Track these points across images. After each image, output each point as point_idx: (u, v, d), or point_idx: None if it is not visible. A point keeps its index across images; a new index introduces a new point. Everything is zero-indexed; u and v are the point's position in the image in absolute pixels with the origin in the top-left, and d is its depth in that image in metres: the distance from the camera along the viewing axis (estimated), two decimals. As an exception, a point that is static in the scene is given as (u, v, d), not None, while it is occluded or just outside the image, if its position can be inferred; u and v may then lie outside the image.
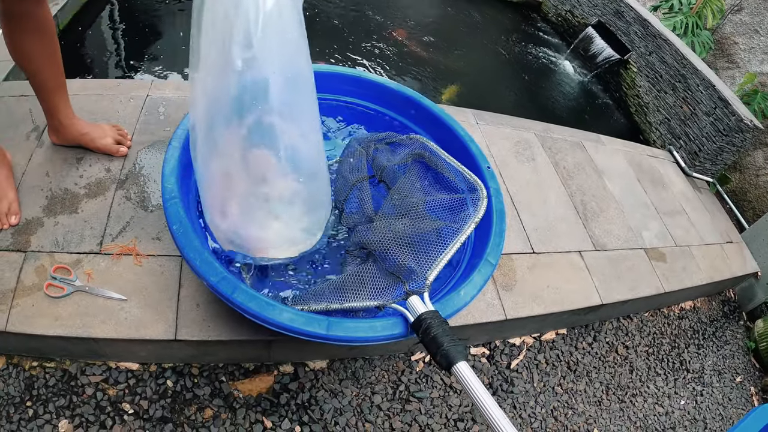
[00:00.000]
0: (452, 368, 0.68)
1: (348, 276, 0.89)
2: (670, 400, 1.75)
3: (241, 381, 1.22)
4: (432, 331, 0.71)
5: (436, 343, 0.69)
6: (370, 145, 1.21)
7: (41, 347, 1.10)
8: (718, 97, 2.35)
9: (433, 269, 0.86)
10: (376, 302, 0.81)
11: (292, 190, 0.92)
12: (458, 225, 0.95)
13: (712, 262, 2.06)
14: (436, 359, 0.70)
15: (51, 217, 1.20)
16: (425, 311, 0.75)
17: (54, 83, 1.19)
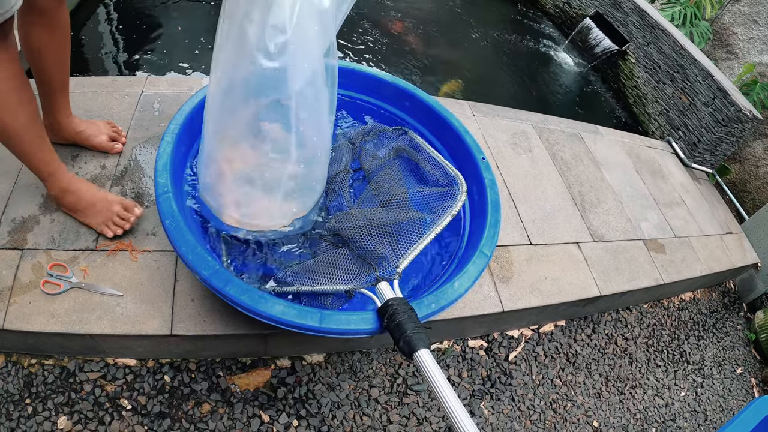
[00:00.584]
0: (414, 355, 0.67)
1: (320, 260, 0.89)
2: (670, 391, 1.75)
3: (238, 375, 1.22)
4: (397, 317, 0.70)
5: (400, 329, 0.69)
6: (357, 138, 1.21)
7: (39, 344, 1.10)
8: (716, 87, 2.34)
9: (405, 258, 0.86)
10: (347, 286, 0.82)
11: (294, 171, 0.92)
12: (434, 216, 0.95)
13: (712, 253, 2.05)
14: (398, 346, 0.70)
15: (47, 215, 1.20)
16: (392, 297, 0.75)
17: (59, 83, 1.19)
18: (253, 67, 0.77)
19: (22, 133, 0.99)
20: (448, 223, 0.97)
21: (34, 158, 1.06)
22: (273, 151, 0.87)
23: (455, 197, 1.02)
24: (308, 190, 1.00)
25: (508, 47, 3.16)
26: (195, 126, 1.05)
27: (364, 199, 1.08)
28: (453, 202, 1.01)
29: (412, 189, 1.07)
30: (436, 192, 1.05)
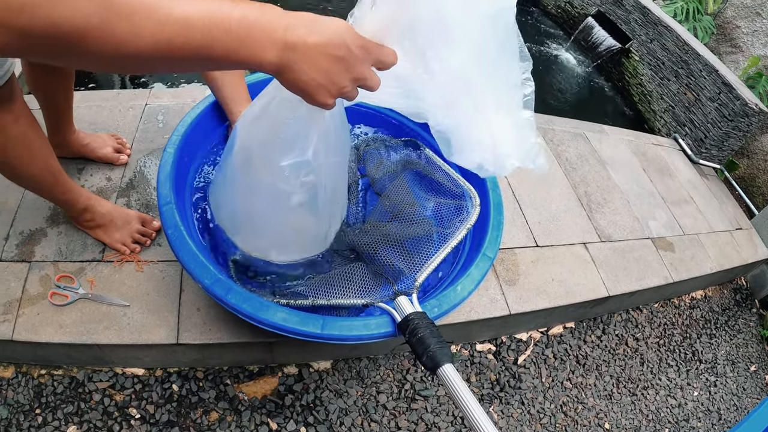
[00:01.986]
0: (438, 370, 0.66)
1: (335, 273, 0.88)
2: (682, 391, 1.72)
3: (245, 383, 1.22)
4: (419, 332, 0.70)
5: (423, 344, 0.68)
6: (361, 145, 1.21)
7: (48, 355, 1.12)
8: (721, 81, 2.32)
9: (422, 271, 0.85)
10: (363, 300, 0.81)
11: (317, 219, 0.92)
12: (450, 230, 0.95)
13: (722, 249, 2.03)
14: (421, 361, 0.68)
15: (54, 227, 1.22)
16: (412, 312, 0.74)
17: (64, 107, 1.20)
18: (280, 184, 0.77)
19: (38, 179, 1.00)
20: (464, 236, 0.96)
21: (50, 194, 1.07)
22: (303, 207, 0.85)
23: (468, 210, 1.02)
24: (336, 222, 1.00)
25: (511, 49, 3.15)
26: (197, 135, 1.06)
27: (377, 213, 1.08)
28: (467, 215, 1.01)
29: (424, 202, 1.06)
30: (449, 205, 1.05)
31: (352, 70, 0.52)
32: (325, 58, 0.50)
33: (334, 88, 0.52)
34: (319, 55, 0.49)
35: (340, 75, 0.52)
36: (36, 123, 0.94)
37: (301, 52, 0.49)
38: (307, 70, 0.50)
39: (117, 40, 0.40)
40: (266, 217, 0.85)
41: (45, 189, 1.04)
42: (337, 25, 0.50)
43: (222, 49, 0.45)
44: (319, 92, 0.52)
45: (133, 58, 0.42)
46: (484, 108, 0.66)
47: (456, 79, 0.62)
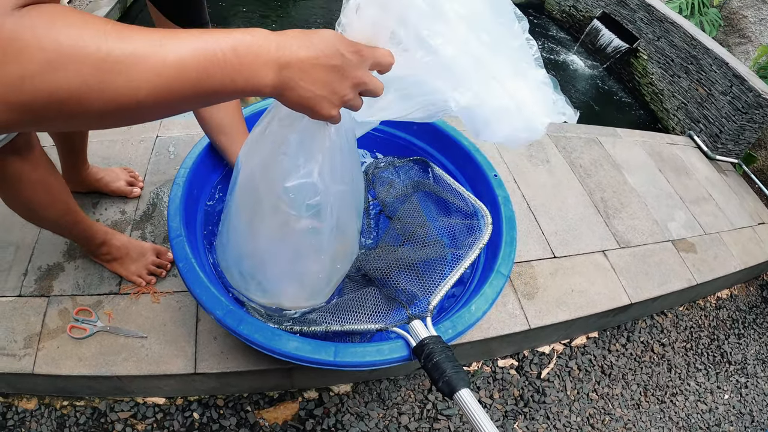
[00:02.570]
0: (454, 395, 0.65)
1: (348, 299, 0.88)
2: (713, 395, 1.67)
3: (266, 409, 1.22)
4: (434, 357, 0.68)
5: (439, 369, 0.67)
6: (370, 168, 1.21)
7: (69, 387, 1.13)
8: (732, 74, 2.27)
9: (436, 294, 0.84)
10: (377, 325, 0.79)
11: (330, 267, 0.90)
12: (462, 250, 0.93)
13: (745, 246, 1.97)
14: (437, 386, 0.67)
15: (71, 262, 1.24)
16: (427, 336, 0.73)
17: (80, 144, 1.23)
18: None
19: (58, 221, 1.02)
20: (476, 256, 0.95)
21: (69, 233, 1.09)
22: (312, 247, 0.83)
23: (481, 230, 1.00)
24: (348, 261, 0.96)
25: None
26: (206, 167, 1.07)
27: (389, 237, 1.07)
28: (480, 234, 1.00)
29: (436, 223, 1.05)
30: (461, 224, 1.04)
31: (349, 76, 0.52)
32: (321, 70, 0.50)
33: (336, 97, 0.52)
34: (313, 67, 0.49)
35: (339, 83, 0.52)
36: (54, 168, 0.95)
37: (296, 69, 0.49)
38: (305, 85, 0.50)
39: (116, 97, 0.40)
40: (273, 252, 0.83)
41: (64, 229, 1.06)
42: (327, 35, 0.51)
43: (219, 82, 0.46)
44: (322, 104, 0.52)
45: (135, 110, 0.42)
46: (498, 75, 0.63)
47: (460, 53, 0.60)
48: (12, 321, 1.12)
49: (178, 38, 0.43)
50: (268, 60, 0.47)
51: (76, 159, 1.25)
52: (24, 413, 1.14)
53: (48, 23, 0.36)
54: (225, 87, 0.46)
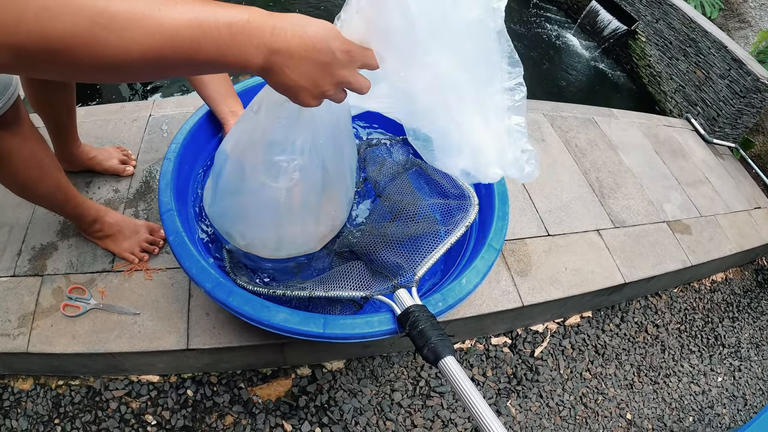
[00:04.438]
0: (439, 363, 0.65)
1: (334, 271, 0.88)
2: (706, 377, 1.68)
3: (259, 386, 1.22)
4: (419, 324, 0.69)
5: (424, 336, 0.67)
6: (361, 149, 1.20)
7: (64, 365, 1.13)
8: (731, 58, 2.25)
9: (422, 265, 0.84)
10: (363, 293, 0.79)
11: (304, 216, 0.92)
12: (450, 227, 0.93)
13: (741, 229, 1.98)
14: (422, 353, 0.68)
15: (65, 241, 1.23)
16: (412, 305, 0.73)
17: (68, 124, 1.22)
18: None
19: (49, 197, 1.02)
20: (462, 233, 0.95)
21: (62, 209, 1.09)
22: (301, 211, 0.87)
23: (468, 209, 1.00)
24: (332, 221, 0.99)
25: (515, 37, 3.12)
26: (197, 143, 1.07)
27: (376, 214, 1.07)
28: (465, 213, 1.00)
29: (424, 201, 1.05)
30: (449, 204, 1.04)
31: (335, 74, 0.54)
32: (309, 63, 0.51)
33: (317, 90, 0.54)
34: (302, 59, 0.51)
35: (323, 79, 0.53)
36: (44, 143, 0.95)
37: (285, 56, 0.50)
38: (290, 73, 0.51)
39: (107, 53, 0.41)
40: (254, 212, 0.85)
41: (56, 205, 1.06)
42: (323, 28, 0.51)
43: (211, 55, 0.46)
44: (303, 94, 0.54)
45: (124, 68, 0.43)
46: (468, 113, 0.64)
47: (438, 84, 0.61)
48: (6, 301, 1.12)
49: (176, 5, 0.43)
50: (260, 43, 0.48)
51: (66, 137, 1.24)
52: (20, 393, 1.15)
53: None
54: (215, 60, 0.47)
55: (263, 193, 0.81)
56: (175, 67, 0.46)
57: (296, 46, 0.50)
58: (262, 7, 0.50)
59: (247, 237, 0.91)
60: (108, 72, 0.43)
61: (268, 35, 0.48)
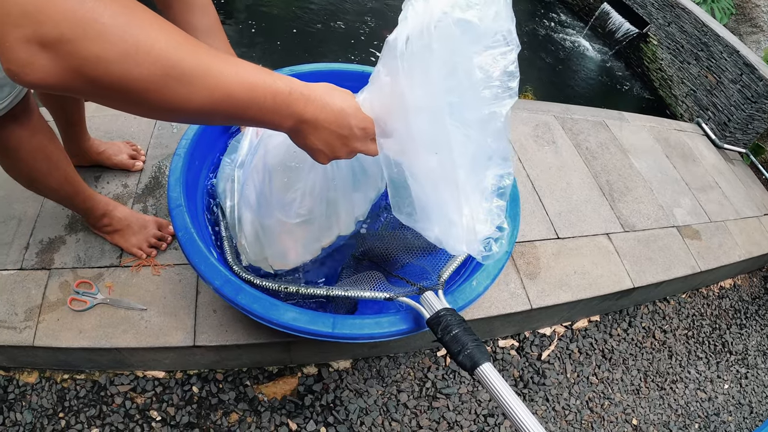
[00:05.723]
0: (476, 370, 0.62)
1: (350, 279, 0.87)
2: (712, 384, 1.67)
3: (265, 384, 1.22)
4: (453, 329, 0.66)
5: (459, 342, 0.64)
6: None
7: (69, 360, 1.13)
8: (743, 62, 2.24)
9: (447, 267, 0.83)
10: (385, 294, 0.77)
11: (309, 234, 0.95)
12: None
13: (750, 236, 1.96)
14: (457, 359, 0.65)
15: (72, 235, 1.23)
16: (443, 308, 0.70)
17: (77, 117, 1.21)
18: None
19: (58, 190, 1.01)
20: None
21: (71, 203, 1.08)
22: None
23: None
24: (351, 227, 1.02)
25: (527, 40, 3.11)
26: (207, 139, 1.06)
27: (389, 221, 1.06)
28: None
29: None
30: None
31: (350, 145, 0.63)
32: (330, 133, 0.60)
33: (332, 155, 0.63)
34: (324, 129, 0.59)
35: (339, 148, 0.63)
36: (54, 135, 0.95)
37: (312, 125, 0.58)
38: (313, 138, 0.60)
39: (172, 100, 0.46)
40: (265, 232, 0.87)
41: (65, 198, 1.06)
42: (347, 105, 0.60)
43: (252, 116, 0.53)
44: (319, 155, 0.63)
45: (181, 113, 0.48)
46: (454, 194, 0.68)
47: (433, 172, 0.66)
48: (13, 294, 1.12)
49: (236, 67, 0.50)
50: (293, 112, 0.56)
51: (75, 131, 1.23)
52: (25, 386, 1.15)
53: (127, 15, 0.41)
54: (254, 119, 0.54)
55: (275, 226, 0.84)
56: (220, 118, 0.52)
57: (322, 118, 0.58)
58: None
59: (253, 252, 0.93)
60: (165, 113, 0.48)
61: (302, 106, 0.56)
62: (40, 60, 0.38)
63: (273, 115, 0.55)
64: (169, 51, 0.44)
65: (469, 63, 0.62)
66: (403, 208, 0.71)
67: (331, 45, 2.64)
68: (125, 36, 0.40)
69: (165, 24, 0.44)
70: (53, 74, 0.39)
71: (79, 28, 0.38)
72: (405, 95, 0.59)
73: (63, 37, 0.38)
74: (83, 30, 0.38)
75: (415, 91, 0.59)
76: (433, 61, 0.58)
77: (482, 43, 0.62)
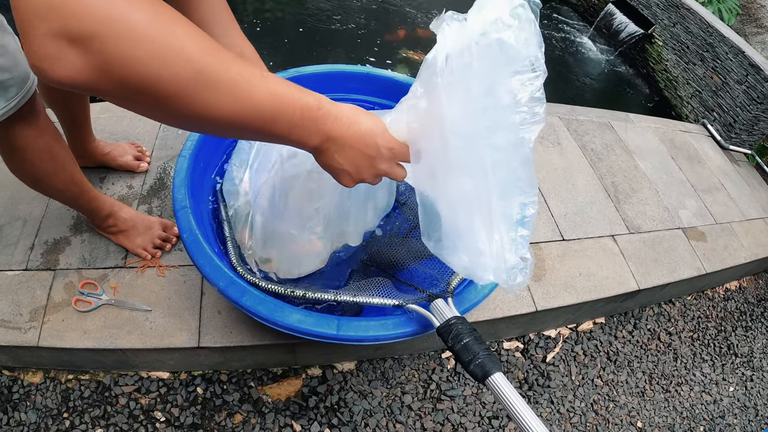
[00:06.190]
0: (488, 380, 0.62)
1: (359, 284, 0.87)
2: (718, 387, 1.66)
3: (269, 385, 1.22)
4: (463, 338, 0.65)
5: (470, 351, 0.64)
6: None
7: (74, 360, 1.13)
8: (749, 63, 2.22)
9: (455, 276, 0.82)
10: (394, 301, 0.76)
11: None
12: None
13: (756, 238, 1.95)
14: (468, 369, 0.64)
15: (78, 236, 1.23)
16: (453, 316, 0.70)
17: (82, 118, 1.22)
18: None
19: (64, 191, 1.02)
20: None
21: (76, 203, 1.09)
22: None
23: None
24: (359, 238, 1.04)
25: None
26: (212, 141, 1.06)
27: (398, 222, 1.06)
28: None
29: None
30: None
31: (376, 166, 0.61)
32: (356, 153, 0.58)
33: (358, 176, 0.61)
34: (352, 148, 0.57)
35: (366, 169, 0.60)
36: (60, 136, 0.95)
37: (338, 144, 0.56)
38: (338, 158, 0.58)
39: (199, 107, 0.44)
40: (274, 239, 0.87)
41: (71, 199, 1.06)
42: (375, 125, 0.58)
43: (278, 130, 0.52)
44: (344, 177, 0.61)
45: (207, 123, 0.47)
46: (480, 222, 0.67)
47: (460, 197, 0.65)
48: (18, 294, 1.12)
49: (266, 80, 0.48)
50: (321, 128, 0.54)
51: (80, 132, 1.24)
52: (29, 386, 1.15)
53: (158, 16, 0.40)
54: (281, 133, 0.52)
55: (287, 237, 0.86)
56: (245, 131, 0.51)
57: (350, 137, 0.56)
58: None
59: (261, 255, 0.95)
60: (190, 121, 0.47)
61: (330, 123, 0.54)
62: (68, 55, 0.37)
63: (301, 130, 0.53)
64: (198, 55, 0.43)
65: (502, 86, 0.61)
66: (432, 234, 0.70)
67: (337, 45, 2.64)
68: (155, 37, 0.39)
69: (194, 28, 0.43)
70: (82, 71, 0.38)
71: (109, 26, 0.37)
72: (443, 114, 0.57)
73: (93, 34, 0.37)
74: (113, 28, 0.37)
75: (454, 109, 0.57)
76: (473, 80, 0.57)
77: (513, 68, 0.61)
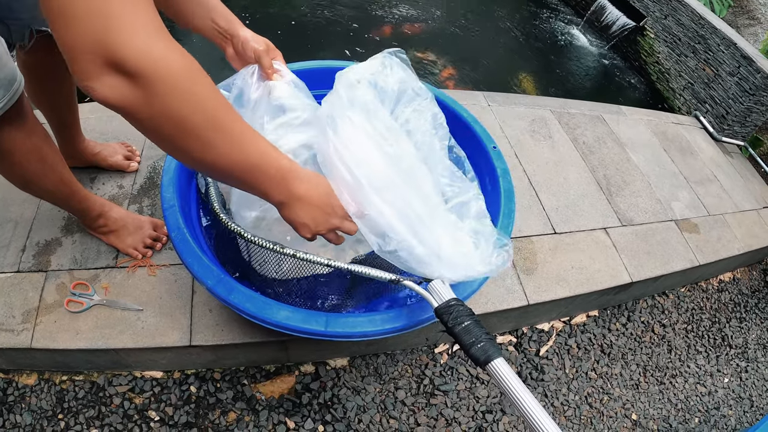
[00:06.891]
0: (489, 365, 0.60)
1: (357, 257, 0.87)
2: (712, 378, 1.67)
3: (262, 383, 1.22)
4: (464, 320, 0.64)
5: (472, 334, 0.62)
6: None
7: (68, 361, 1.13)
8: (740, 55, 2.23)
9: None
10: (390, 276, 0.73)
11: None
12: None
13: (750, 229, 1.95)
14: (469, 352, 0.62)
15: (69, 237, 1.23)
16: (452, 298, 0.68)
17: (70, 118, 1.21)
18: None
19: (54, 192, 1.02)
20: None
21: (66, 204, 1.09)
22: None
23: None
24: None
25: (522, 33, 3.10)
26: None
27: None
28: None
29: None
30: None
31: (330, 222, 0.71)
32: (315, 209, 0.68)
33: (315, 229, 0.71)
34: (311, 206, 0.68)
35: (321, 224, 0.70)
36: (49, 137, 0.95)
37: (301, 202, 0.67)
38: (298, 212, 0.68)
39: (205, 152, 0.54)
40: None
41: (61, 200, 1.06)
42: (330, 189, 0.70)
43: (255, 182, 0.62)
44: (303, 229, 0.70)
45: (200, 163, 0.56)
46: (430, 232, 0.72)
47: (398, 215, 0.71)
48: (10, 296, 1.12)
49: (258, 141, 0.59)
50: (288, 188, 0.65)
51: (69, 133, 1.24)
52: (24, 388, 1.15)
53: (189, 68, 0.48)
54: (254, 185, 0.62)
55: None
56: (229, 178, 0.61)
57: (310, 196, 0.67)
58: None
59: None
60: (189, 159, 0.55)
61: (296, 184, 0.65)
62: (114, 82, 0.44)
63: (270, 183, 0.63)
64: (217, 109, 0.52)
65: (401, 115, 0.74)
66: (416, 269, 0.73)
67: (329, 37, 2.64)
68: (188, 83, 0.48)
69: (213, 84, 0.52)
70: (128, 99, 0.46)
71: (155, 69, 0.45)
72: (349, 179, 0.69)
73: (138, 72, 0.44)
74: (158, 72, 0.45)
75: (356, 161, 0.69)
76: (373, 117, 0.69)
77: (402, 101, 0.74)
